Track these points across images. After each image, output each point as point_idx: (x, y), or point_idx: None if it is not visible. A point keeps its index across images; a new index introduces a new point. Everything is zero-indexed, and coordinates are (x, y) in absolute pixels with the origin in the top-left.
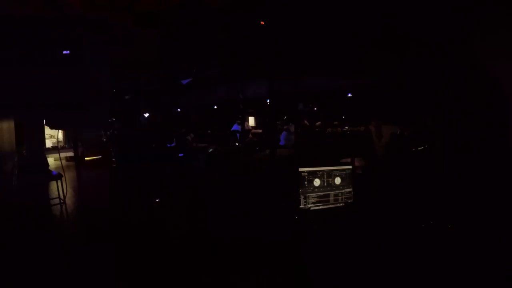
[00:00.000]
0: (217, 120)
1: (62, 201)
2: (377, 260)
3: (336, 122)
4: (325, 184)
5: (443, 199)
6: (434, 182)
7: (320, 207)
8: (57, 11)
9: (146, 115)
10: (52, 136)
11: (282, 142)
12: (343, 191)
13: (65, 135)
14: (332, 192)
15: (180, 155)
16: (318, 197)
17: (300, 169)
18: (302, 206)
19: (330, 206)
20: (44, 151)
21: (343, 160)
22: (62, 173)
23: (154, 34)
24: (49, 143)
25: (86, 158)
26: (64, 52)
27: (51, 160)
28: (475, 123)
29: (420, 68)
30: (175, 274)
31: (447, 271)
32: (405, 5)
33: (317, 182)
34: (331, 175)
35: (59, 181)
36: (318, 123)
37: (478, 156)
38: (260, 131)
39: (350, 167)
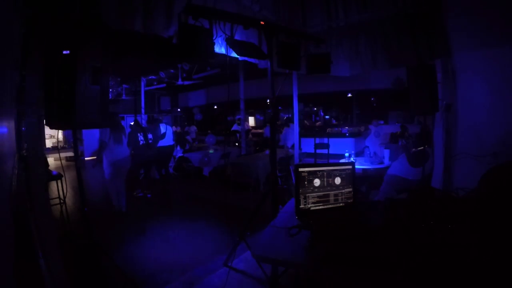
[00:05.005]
0: (217, 120)
1: (62, 201)
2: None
3: (336, 122)
4: (325, 184)
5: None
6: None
7: (320, 207)
8: None
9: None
10: (52, 136)
11: (281, 142)
12: (343, 191)
13: (65, 135)
14: (332, 192)
15: (180, 155)
16: (318, 197)
17: (300, 169)
18: (302, 206)
19: (330, 206)
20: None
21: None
22: (62, 173)
23: None
24: (49, 143)
25: (86, 158)
26: (64, 52)
27: (51, 160)
28: None
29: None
30: None
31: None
32: None
33: (317, 182)
34: (331, 175)
35: (59, 181)
36: (318, 123)
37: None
38: (260, 131)
39: (350, 167)
